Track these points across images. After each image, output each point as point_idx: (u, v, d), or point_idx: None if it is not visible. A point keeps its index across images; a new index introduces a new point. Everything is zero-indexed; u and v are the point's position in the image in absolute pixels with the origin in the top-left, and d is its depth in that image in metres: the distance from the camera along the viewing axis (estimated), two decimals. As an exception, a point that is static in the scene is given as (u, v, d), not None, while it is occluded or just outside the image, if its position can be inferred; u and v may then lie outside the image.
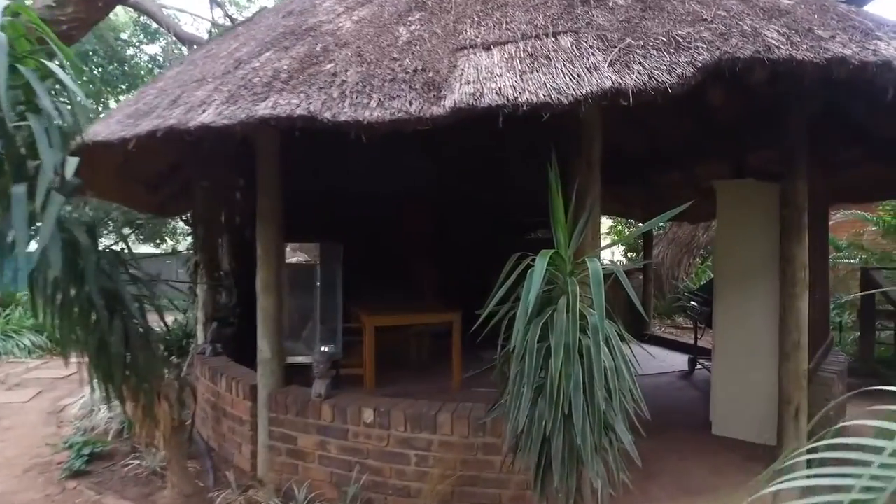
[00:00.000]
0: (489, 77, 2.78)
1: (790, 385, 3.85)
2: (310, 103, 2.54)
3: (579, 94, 2.60)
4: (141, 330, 3.05)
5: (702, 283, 10.30)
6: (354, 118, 2.48)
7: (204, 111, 2.84)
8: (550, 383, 2.33)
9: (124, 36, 12.42)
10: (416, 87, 2.76)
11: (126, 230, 8.18)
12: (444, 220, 10.42)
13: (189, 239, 9.50)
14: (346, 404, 3.59)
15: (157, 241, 12.16)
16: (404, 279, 8.75)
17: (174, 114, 2.98)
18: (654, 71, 2.66)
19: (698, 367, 6.76)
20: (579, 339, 2.43)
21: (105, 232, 7.96)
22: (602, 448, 2.48)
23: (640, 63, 2.72)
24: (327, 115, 2.49)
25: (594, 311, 2.37)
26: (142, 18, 11.55)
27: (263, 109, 2.55)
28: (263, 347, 3.95)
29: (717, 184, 4.77)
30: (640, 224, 9.34)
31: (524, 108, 2.58)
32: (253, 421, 4.02)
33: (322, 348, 4.06)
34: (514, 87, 2.67)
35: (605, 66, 2.74)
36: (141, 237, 10.81)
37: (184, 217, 7.84)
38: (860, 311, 7.43)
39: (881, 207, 8.31)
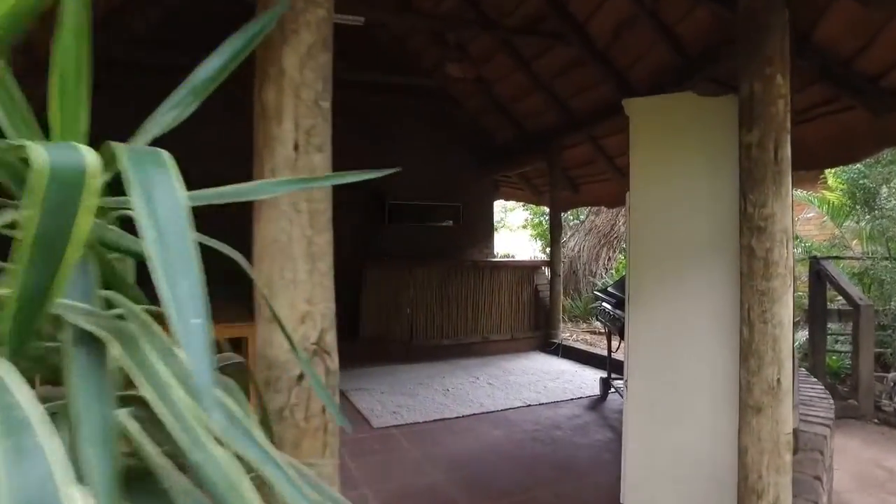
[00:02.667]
0: None
1: (762, 461, 2.03)
2: None
3: None
4: None
5: (621, 277, 8.68)
6: None
7: None
8: None
9: None
10: None
11: None
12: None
13: None
14: None
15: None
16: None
17: None
18: None
19: (612, 390, 5.01)
20: None
21: None
22: None
23: None
24: None
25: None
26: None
27: None
28: None
29: (627, 103, 2.92)
30: (556, 213, 7.57)
31: None
32: None
33: None
34: None
35: None
36: None
37: None
38: (810, 313, 5.92)
39: (829, 181, 6.90)
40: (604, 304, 4.69)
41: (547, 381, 5.54)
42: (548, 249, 15.39)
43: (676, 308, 2.53)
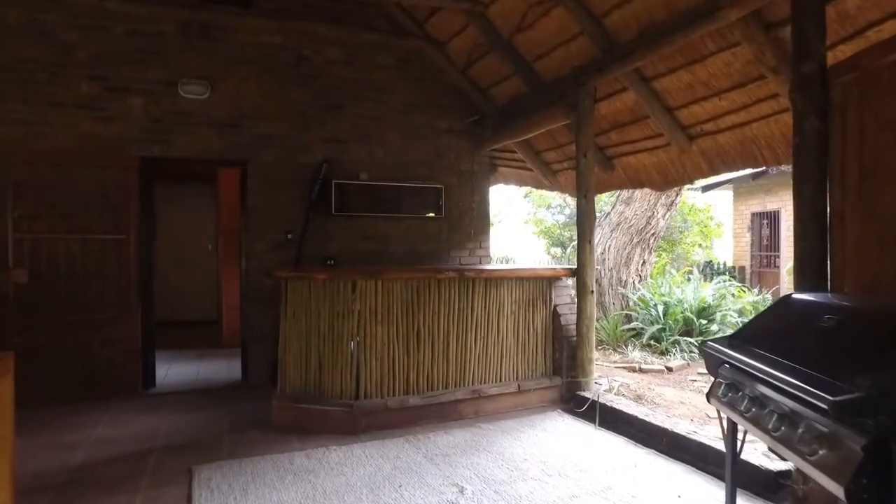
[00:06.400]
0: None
1: None
2: None
3: None
4: None
5: (777, 305, 6.22)
6: None
7: None
8: None
9: None
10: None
11: None
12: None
13: None
14: None
15: None
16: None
17: None
18: None
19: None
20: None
21: None
22: None
23: None
24: None
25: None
26: None
27: None
28: None
29: None
30: (587, 196, 4.98)
31: None
32: None
33: None
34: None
35: None
36: None
37: None
38: None
39: None
40: (731, 364, 2.11)
41: (588, 499, 2.98)
42: (554, 251, 12.78)
43: None
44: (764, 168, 8.03)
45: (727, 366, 2.24)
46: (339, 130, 5.95)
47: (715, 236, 11.82)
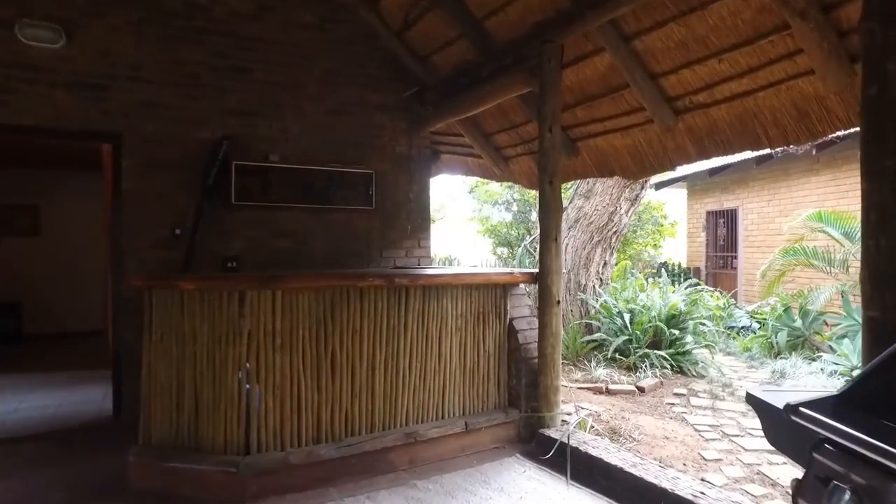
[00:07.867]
0: None
1: None
2: None
3: None
4: None
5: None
6: None
7: None
8: None
9: None
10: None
11: None
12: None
13: None
14: None
15: None
16: None
17: None
18: None
19: None
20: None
21: None
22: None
23: None
24: None
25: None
26: None
27: None
28: None
29: None
30: (552, 182, 4.00)
31: None
32: None
33: None
34: None
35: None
36: None
37: None
38: None
39: None
40: (881, 477, 1.19)
41: None
42: (501, 251, 11.86)
43: None
44: (732, 158, 7.37)
45: (832, 449, 1.30)
46: (245, 101, 4.77)
47: (669, 235, 11.25)
